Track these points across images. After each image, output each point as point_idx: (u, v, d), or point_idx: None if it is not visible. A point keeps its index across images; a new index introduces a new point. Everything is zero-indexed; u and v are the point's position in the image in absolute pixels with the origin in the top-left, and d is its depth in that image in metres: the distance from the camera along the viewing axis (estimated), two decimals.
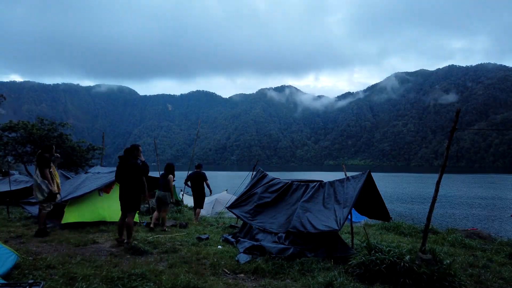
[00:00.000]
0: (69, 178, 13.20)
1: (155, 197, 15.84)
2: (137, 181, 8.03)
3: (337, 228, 6.84)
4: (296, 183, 8.91)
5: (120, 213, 10.45)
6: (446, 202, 39.17)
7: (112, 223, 10.12)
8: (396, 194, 49.45)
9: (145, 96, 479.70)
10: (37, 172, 8.70)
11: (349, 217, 7.41)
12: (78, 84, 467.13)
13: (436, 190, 6.47)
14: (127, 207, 8.08)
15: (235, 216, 11.32)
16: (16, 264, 5.55)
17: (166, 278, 5.45)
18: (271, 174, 10.03)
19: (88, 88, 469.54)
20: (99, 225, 9.90)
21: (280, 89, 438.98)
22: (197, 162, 13.48)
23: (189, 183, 12.85)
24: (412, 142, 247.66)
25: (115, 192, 10.74)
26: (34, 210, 11.03)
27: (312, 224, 7.31)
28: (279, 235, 7.73)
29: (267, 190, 9.18)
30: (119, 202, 10.57)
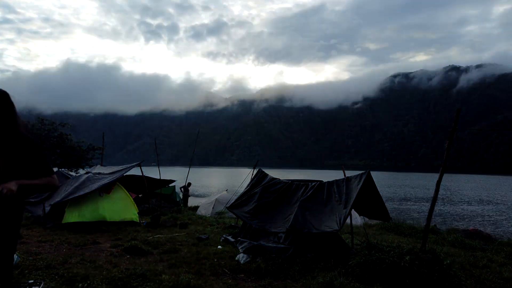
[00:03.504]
0: (69, 178, 13.19)
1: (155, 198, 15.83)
2: None
3: (337, 228, 6.83)
4: (296, 183, 8.91)
5: (120, 213, 10.47)
6: (446, 202, 39.16)
7: (112, 223, 10.12)
8: (396, 193, 49.44)
9: None
10: None
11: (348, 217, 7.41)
12: None
13: (436, 190, 6.47)
14: None
15: (235, 216, 11.31)
16: (16, 264, 5.55)
17: (166, 278, 5.45)
18: (271, 174, 10.03)
19: None
20: (99, 225, 9.90)
21: (280, 89, 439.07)
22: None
23: None
24: (412, 142, 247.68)
25: (116, 192, 10.75)
26: (35, 210, 11.03)
27: (312, 224, 7.30)
28: (279, 235, 7.72)
29: (267, 190, 9.17)
30: (119, 202, 10.63)
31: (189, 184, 22.12)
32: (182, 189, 21.40)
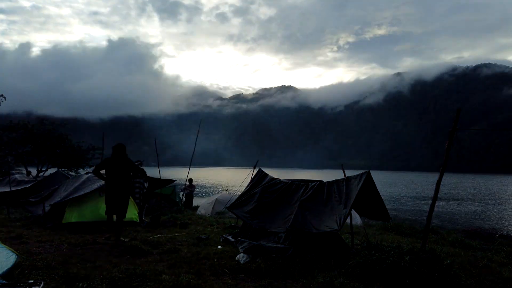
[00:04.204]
0: (69, 178, 13.20)
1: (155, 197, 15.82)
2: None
3: (337, 228, 6.83)
4: (296, 183, 8.91)
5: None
6: (447, 201, 39.17)
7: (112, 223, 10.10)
8: (396, 193, 49.45)
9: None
10: None
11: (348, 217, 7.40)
12: None
13: (436, 191, 6.46)
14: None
15: (235, 216, 11.32)
16: (16, 264, 5.55)
17: (166, 278, 5.45)
18: (271, 174, 10.03)
19: None
20: (99, 225, 9.89)
21: (281, 89, 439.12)
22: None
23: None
24: (412, 143, 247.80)
25: None
26: (35, 210, 11.03)
27: (312, 224, 7.30)
28: (279, 235, 7.72)
29: (267, 190, 9.17)
30: (119, 202, 10.60)
31: (191, 180, 19.71)
32: (184, 188, 20.05)
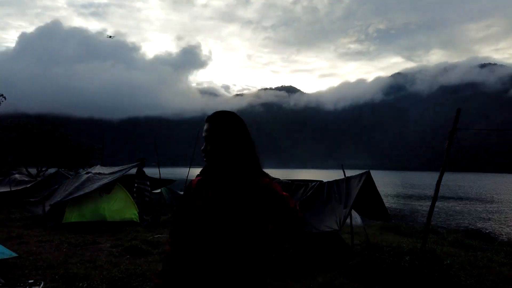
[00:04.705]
0: (69, 178, 13.19)
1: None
2: None
3: (337, 228, 6.83)
4: (296, 183, 8.91)
5: (120, 213, 10.56)
6: (447, 201, 39.16)
7: (112, 223, 10.12)
8: (396, 193, 49.45)
9: None
10: None
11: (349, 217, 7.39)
12: None
13: (436, 190, 6.45)
14: None
15: None
16: (16, 264, 5.55)
17: None
18: (271, 174, 10.03)
19: None
20: (99, 225, 9.90)
21: (281, 89, 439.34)
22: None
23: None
24: (412, 142, 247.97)
25: (116, 192, 10.75)
26: (35, 210, 11.03)
27: (312, 224, 7.30)
28: None
29: None
30: (119, 202, 10.64)
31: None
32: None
